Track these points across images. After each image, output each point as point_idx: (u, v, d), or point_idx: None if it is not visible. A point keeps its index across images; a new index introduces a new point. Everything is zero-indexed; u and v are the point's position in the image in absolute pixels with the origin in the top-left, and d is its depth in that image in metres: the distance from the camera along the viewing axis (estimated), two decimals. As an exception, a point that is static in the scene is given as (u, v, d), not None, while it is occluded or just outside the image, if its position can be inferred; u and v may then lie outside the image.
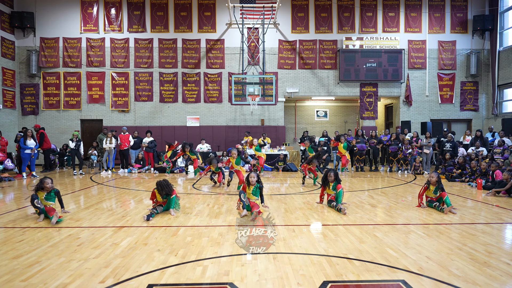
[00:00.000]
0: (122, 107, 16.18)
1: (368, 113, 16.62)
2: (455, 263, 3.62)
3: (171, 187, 5.91)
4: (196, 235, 4.61)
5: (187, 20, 16.30)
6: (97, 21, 16.18)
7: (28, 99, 16.09)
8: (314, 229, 4.94)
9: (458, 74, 16.55)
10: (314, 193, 8.06)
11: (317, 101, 18.74)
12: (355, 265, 3.55)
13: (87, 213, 5.93)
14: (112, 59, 16.17)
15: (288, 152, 14.24)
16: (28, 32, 16.05)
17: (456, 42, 16.49)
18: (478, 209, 6.39)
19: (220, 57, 16.37)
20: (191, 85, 16.32)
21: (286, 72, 16.49)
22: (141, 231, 4.81)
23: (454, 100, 16.54)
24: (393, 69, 16.20)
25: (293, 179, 10.87)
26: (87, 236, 4.59)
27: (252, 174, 5.83)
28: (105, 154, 12.73)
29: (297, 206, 6.55)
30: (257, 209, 5.53)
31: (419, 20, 16.52)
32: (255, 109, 16.03)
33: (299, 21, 16.48)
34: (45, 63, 16.05)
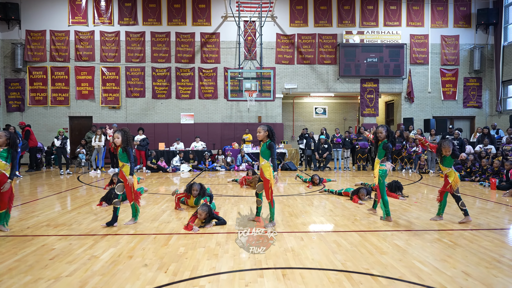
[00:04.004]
0: (112, 104, 15.45)
1: (369, 110, 16.07)
2: (499, 280, 3.04)
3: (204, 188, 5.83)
4: (190, 245, 3.98)
5: (180, 12, 15.59)
6: (86, 13, 15.39)
7: (14, 95, 15.27)
8: (324, 236, 4.34)
9: (461, 69, 16.07)
10: (318, 195, 7.47)
11: (316, 97, 18.16)
12: (382, 284, 2.95)
13: (67, 218, 5.27)
14: (102, 53, 15.41)
15: (286, 151, 13.65)
16: (13, 24, 15.21)
17: (459, 36, 15.99)
18: (501, 212, 5.84)
19: (215, 52, 15.70)
20: (185, 80, 15.62)
21: (284, 67, 15.88)
22: (127, 240, 4.17)
23: (457, 96, 16.06)
24: (395, 64, 15.65)
25: (292, 179, 10.27)
26: (63, 247, 3.94)
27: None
28: (94, 153, 12.02)
29: (301, 209, 5.95)
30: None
31: (421, 14, 15.99)
32: (252, 106, 15.40)
33: (298, 14, 15.86)
34: (31, 57, 15.24)
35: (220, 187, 8.57)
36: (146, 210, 5.89)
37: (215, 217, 4.87)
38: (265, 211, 5.32)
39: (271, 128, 4.71)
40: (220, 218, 4.89)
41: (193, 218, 4.75)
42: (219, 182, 9.51)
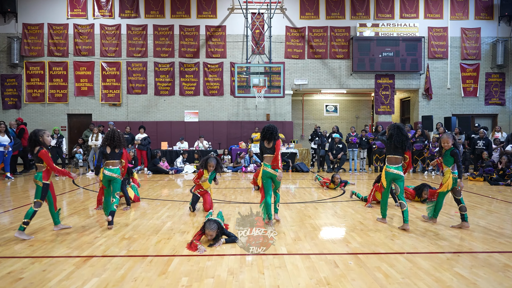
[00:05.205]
0: (113, 101, 14.64)
1: (384, 108, 15.13)
2: None
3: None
4: (195, 274, 3.13)
5: (184, 4, 14.73)
6: (85, 5, 14.59)
7: (10, 92, 14.52)
8: (363, 260, 3.46)
9: (483, 64, 15.06)
10: (340, 201, 6.58)
11: (327, 94, 17.23)
12: None
13: (47, 234, 4.42)
14: (102, 48, 14.61)
15: (298, 151, 12.76)
16: (9, 17, 14.46)
17: (480, 29, 14.98)
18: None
19: (221, 46, 14.83)
20: (189, 76, 14.78)
21: (293, 62, 14.97)
22: (116, 265, 3.32)
23: (478, 93, 15.06)
24: (412, 59, 14.68)
25: (306, 182, 9.40)
26: (34, 275, 3.10)
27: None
28: (91, 153, 11.23)
29: (325, 221, 5.07)
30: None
31: (440, 5, 15.00)
32: (260, 103, 14.52)
33: (308, 6, 14.93)
34: (28, 51, 14.47)
35: (228, 192, 7.71)
36: (144, 221, 5.05)
37: (225, 233, 4.02)
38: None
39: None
40: (231, 234, 4.03)
41: (198, 235, 3.90)
42: (226, 186, 8.66)
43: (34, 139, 4.19)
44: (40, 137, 4.22)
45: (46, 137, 4.27)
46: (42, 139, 4.22)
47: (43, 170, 4.21)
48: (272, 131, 4.66)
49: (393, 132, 4.64)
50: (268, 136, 4.67)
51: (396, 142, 4.58)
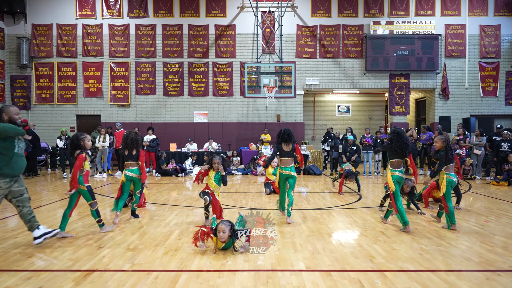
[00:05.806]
0: (121, 101, 14.48)
1: (399, 108, 14.64)
2: None
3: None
4: (204, 294, 2.81)
5: (193, 3, 14.49)
6: (94, 5, 14.47)
7: (19, 93, 14.49)
8: (392, 280, 3.10)
9: (503, 63, 14.46)
10: (357, 208, 6.21)
11: (339, 95, 16.79)
12: None
13: (51, 241, 4.16)
14: (111, 48, 14.46)
15: (310, 153, 12.39)
16: (18, 18, 14.43)
17: (500, 26, 14.38)
18: None
19: (231, 45, 14.54)
20: (198, 76, 14.52)
21: (305, 61, 14.59)
22: (118, 282, 3.03)
23: (498, 93, 14.46)
24: (428, 57, 14.17)
25: (320, 186, 9.03)
26: (29, 293, 2.82)
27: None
28: (98, 154, 11.05)
29: (345, 231, 4.71)
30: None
31: (457, 2, 14.45)
32: (270, 103, 14.17)
33: (320, 3, 14.54)
34: (37, 52, 14.41)
35: (238, 196, 7.39)
36: (150, 229, 4.76)
37: (237, 237, 3.78)
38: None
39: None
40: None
41: (206, 234, 3.78)
42: (236, 190, 8.34)
43: (76, 143, 4.29)
44: (82, 141, 4.32)
45: (87, 142, 4.39)
46: (83, 143, 4.33)
47: (83, 174, 4.28)
48: (290, 134, 4.91)
49: (393, 137, 4.70)
50: (286, 138, 4.92)
51: (396, 147, 4.64)
